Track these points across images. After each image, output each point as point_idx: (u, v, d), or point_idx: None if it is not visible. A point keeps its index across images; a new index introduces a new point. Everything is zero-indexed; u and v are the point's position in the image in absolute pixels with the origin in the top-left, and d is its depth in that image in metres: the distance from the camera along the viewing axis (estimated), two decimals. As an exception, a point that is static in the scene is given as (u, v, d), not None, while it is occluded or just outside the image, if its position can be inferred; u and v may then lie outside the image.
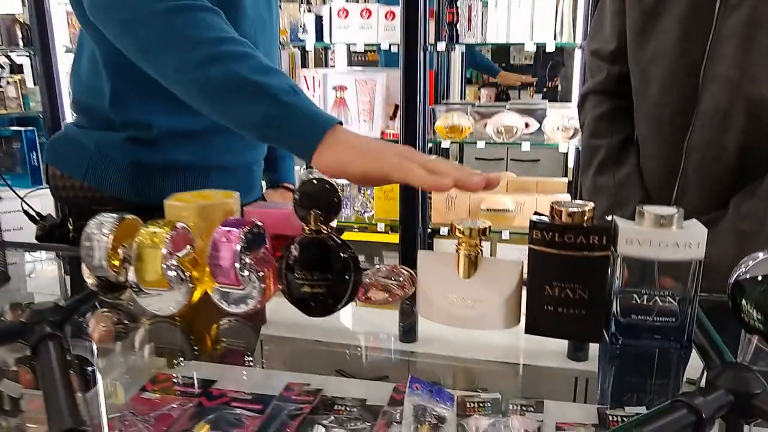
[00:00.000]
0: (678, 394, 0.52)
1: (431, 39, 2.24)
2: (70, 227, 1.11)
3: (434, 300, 0.71)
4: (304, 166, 2.92)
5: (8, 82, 2.60)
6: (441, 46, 2.26)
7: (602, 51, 1.08)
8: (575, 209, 0.62)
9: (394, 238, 2.37)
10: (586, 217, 0.62)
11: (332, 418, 0.88)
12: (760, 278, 0.62)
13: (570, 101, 2.59)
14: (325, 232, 0.70)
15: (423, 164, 0.73)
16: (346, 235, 2.53)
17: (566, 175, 3.28)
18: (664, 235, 0.60)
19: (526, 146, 2.32)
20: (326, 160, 0.77)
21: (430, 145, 2.38)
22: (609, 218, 0.63)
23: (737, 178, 0.91)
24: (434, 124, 2.36)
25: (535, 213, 0.65)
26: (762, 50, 0.85)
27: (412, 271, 0.80)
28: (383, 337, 1.04)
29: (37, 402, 0.78)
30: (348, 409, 0.92)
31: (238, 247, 0.70)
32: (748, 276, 0.63)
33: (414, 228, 2.16)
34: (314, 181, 0.70)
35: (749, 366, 0.55)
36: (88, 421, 0.62)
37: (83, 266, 0.76)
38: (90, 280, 0.78)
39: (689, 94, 0.92)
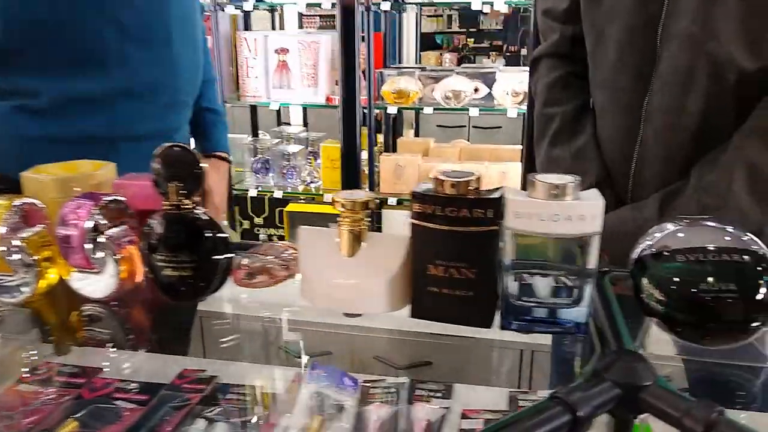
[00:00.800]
0: (558, 389, 0.46)
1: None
2: None
3: (315, 281, 0.63)
4: (251, 135, 2.81)
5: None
6: (386, 5, 2.15)
7: (554, 10, 0.99)
8: (460, 179, 0.55)
9: (341, 208, 2.29)
10: (471, 188, 0.55)
11: (220, 408, 0.81)
12: (666, 254, 0.56)
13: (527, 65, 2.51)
14: (187, 207, 0.62)
15: None
16: (292, 206, 2.44)
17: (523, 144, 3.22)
18: (557, 208, 0.53)
19: (474, 112, 2.23)
20: None
21: (376, 111, 2.29)
22: (497, 191, 0.56)
23: (700, 145, 0.84)
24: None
25: (423, 183, 0.58)
26: (726, 3, 0.77)
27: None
28: (330, 312, 0.96)
29: None
30: (241, 397, 0.85)
31: (89, 225, 0.61)
32: (653, 251, 0.57)
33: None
34: (174, 149, 0.61)
35: (642, 354, 0.49)
36: None
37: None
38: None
39: (648, 54, 0.84)
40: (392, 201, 2.29)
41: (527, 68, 2.35)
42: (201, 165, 0.61)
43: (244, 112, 2.72)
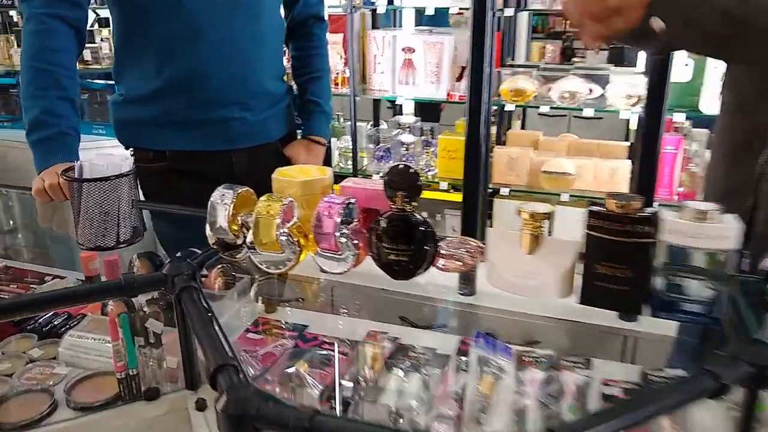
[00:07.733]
0: (707, 365, 0.64)
1: (499, 4, 2.28)
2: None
3: (500, 271, 0.84)
4: (372, 124, 3.05)
5: (102, 39, 2.79)
6: (509, 11, 2.30)
7: None
8: (626, 201, 0.73)
9: (455, 196, 2.49)
10: (634, 209, 0.73)
11: (408, 363, 1.04)
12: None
13: (635, 65, 2.60)
14: (408, 209, 0.84)
15: None
16: (410, 192, 2.66)
17: (627, 138, 3.29)
18: (701, 228, 0.71)
19: (588, 112, 2.36)
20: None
21: (494, 107, 2.46)
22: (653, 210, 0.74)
23: None
24: (499, 86, 2.43)
25: (592, 203, 0.77)
26: None
27: (478, 242, 0.93)
28: (444, 291, 1.18)
29: (171, 336, 0.96)
30: (421, 356, 1.08)
31: (338, 219, 0.84)
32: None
33: (476, 187, 2.27)
34: (400, 167, 0.83)
35: (766, 342, 0.67)
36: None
37: (207, 228, 0.92)
38: (211, 239, 0.94)
39: None
40: (504, 191, 2.47)
41: (639, 71, 2.44)
42: (420, 179, 0.82)
43: (367, 103, 2.96)
